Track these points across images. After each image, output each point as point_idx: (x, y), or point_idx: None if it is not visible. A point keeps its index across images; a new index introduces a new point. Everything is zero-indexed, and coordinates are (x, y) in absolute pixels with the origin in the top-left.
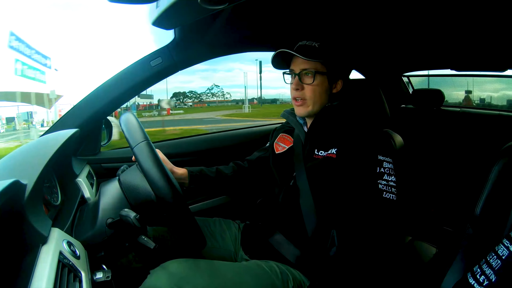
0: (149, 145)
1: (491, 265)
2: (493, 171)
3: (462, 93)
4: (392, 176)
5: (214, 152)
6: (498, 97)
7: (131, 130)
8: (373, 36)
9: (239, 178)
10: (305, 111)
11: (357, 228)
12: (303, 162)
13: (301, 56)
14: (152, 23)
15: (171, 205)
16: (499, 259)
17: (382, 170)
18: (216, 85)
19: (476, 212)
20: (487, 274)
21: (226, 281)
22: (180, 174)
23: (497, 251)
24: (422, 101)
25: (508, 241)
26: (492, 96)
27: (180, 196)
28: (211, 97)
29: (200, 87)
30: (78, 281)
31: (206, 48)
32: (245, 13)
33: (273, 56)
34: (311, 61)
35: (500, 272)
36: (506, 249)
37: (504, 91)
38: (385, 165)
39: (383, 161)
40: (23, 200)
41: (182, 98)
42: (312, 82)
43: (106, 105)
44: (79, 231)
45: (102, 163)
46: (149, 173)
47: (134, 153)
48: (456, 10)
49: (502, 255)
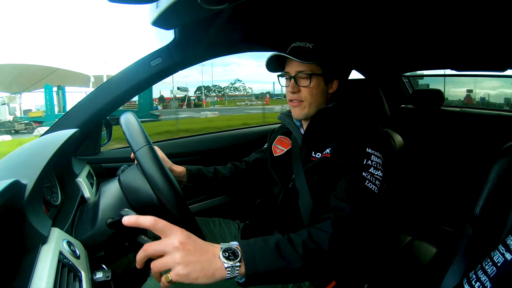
0: (152, 150)
1: (487, 272)
2: (492, 171)
3: (461, 90)
4: (378, 171)
5: (213, 152)
6: (495, 95)
7: (133, 133)
8: (373, 36)
9: (237, 178)
10: (302, 113)
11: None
12: (301, 164)
13: (296, 59)
14: (152, 23)
15: (173, 209)
16: (494, 266)
17: (369, 162)
18: (239, 79)
19: (476, 212)
20: (482, 281)
21: (226, 282)
22: (179, 172)
23: (493, 257)
24: (422, 101)
25: (504, 247)
26: (490, 94)
27: (183, 201)
28: (233, 91)
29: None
30: (78, 281)
31: (206, 48)
32: (245, 13)
33: (267, 60)
34: (306, 63)
35: (495, 279)
36: (502, 256)
37: (501, 89)
38: (373, 158)
39: (371, 154)
40: (23, 200)
41: (206, 91)
42: (309, 84)
43: (106, 105)
44: (79, 231)
45: (102, 163)
46: (152, 179)
47: (136, 157)
48: (456, 10)
49: (497, 262)
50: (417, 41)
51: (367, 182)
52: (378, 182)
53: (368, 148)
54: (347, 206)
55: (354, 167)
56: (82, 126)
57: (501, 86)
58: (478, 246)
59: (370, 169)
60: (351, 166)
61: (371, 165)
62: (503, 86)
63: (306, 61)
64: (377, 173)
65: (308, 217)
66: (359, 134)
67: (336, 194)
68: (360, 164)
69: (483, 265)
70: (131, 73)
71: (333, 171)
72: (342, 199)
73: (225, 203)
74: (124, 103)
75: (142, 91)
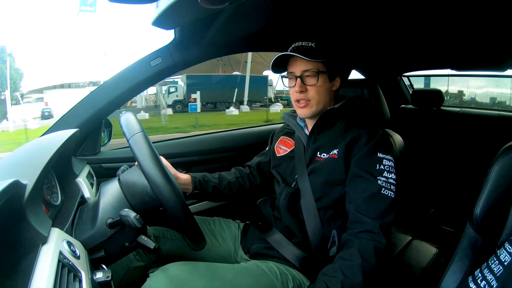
0: (144, 136)
1: (493, 271)
2: (492, 171)
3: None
4: (392, 174)
5: (214, 152)
6: (482, 94)
7: (128, 123)
8: (373, 37)
9: (241, 182)
10: (310, 111)
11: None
12: (305, 164)
13: (305, 57)
14: (152, 23)
15: (166, 198)
16: (501, 265)
17: (382, 167)
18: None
19: (476, 212)
20: (488, 280)
21: (225, 282)
22: (184, 180)
23: (499, 256)
24: (421, 101)
25: (511, 246)
26: (476, 93)
27: (175, 187)
28: None
29: None
30: (78, 281)
31: (206, 48)
32: (245, 13)
33: (273, 60)
34: (313, 61)
35: (502, 278)
36: (509, 255)
37: (487, 88)
38: (385, 162)
39: (383, 159)
40: (23, 200)
41: None
42: (316, 82)
43: (106, 105)
44: (79, 231)
45: (102, 163)
46: (143, 163)
47: (129, 145)
48: (456, 10)
49: (504, 261)
50: (417, 41)
51: (384, 189)
52: (393, 187)
53: (379, 153)
54: (369, 221)
55: (368, 175)
56: (82, 126)
57: (487, 85)
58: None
59: (384, 173)
60: (366, 174)
61: (384, 169)
62: (488, 85)
63: (314, 59)
64: (391, 176)
65: (310, 218)
66: (368, 137)
67: (356, 207)
68: (374, 171)
69: (489, 264)
70: (131, 73)
71: (341, 174)
72: (362, 213)
73: (225, 203)
74: (124, 103)
75: (142, 91)
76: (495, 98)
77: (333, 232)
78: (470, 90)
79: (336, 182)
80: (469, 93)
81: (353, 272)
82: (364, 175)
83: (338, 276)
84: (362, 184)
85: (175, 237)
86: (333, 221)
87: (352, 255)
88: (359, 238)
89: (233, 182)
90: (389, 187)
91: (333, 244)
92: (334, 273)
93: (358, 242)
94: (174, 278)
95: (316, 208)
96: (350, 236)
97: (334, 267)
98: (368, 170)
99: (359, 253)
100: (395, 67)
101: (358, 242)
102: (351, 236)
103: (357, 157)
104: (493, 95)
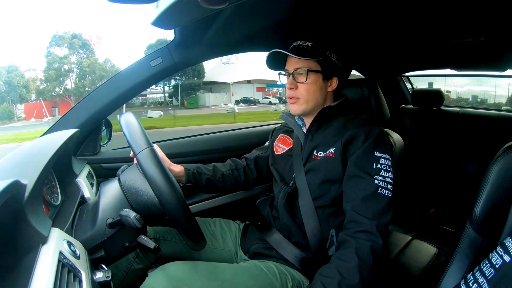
0: (153, 152)
1: (484, 274)
2: (492, 171)
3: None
4: (389, 173)
5: (214, 152)
6: (463, 91)
7: (134, 134)
8: (373, 37)
9: (236, 175)
10: (299, 109)
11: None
12: (302, 163)
13: (293, 55)
14: (152, 23)
15: (173, 211)
16: (492, 268)
17: (379, 166)
18: None
19: (476, 212)
20: (480, 283)
21: (224, 282)
22: (177, 172)
23: (491, 259)
24: (421, 101)
25: (503, 249)
26: (458, 91)
27: (184, 203)
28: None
29: None
30: (78, 281)
31: (206, 48)
32: (245, 13)
33: (267, 57)
34: (303, 59)
35: (493, 281)
36: (500, 258)
37: (468, 87)
38: (382, 161)
39: (380, 158)
40: (23, 200)
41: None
42: (305, 80)
43: (106, 105)
44: (79, 231)
45: (102, 163)
46: (154, 181)
47: (138, 159)
48: (456, 9)
49: (495, 263)
50: (417, 41)
51: (380, 189)
52: (390, 186)
53: (376, 152)
54: (365, 221)
55: (365, 174)
56: (82, 126)
57: (469, 83)
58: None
59: (381, 173)
60: (363, 173)
61: (381, 168)
62: (470, 83)
63: (303, 57)
64: (388, 175)
65: (308, 217)
66: (366, 136)
67: (353, 207)
68: (371, 170)
69: (481, 267)
70: (131, 73)
71: (339, 173)
72: (359, 213)
73: (225, 203)
74: (124, 103)
75: (142, 91)
76: (477, 96)
77: (331, 231)
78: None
79: (333, 180)
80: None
81: (350, 273)
82: (361, 174)
83: (335, 277)
84: (359, 183)
85: (176, 240)
86: (331, 220)
87: (349, 256)
88: (356, 238)
89: (228, 175)
90: (386, 186)
91: (331, 243)
92: (331, 274)
93: (355, 242)
94: (173, 277)
95: (314, 207)
96: (347, 236)
97: (331, 267)
98: (365, 169)
99: (356, 253)
100: (395, 67)
101: (355, 242)
102: (348, 236)
103: (354, 156)
104: (474, 93)
